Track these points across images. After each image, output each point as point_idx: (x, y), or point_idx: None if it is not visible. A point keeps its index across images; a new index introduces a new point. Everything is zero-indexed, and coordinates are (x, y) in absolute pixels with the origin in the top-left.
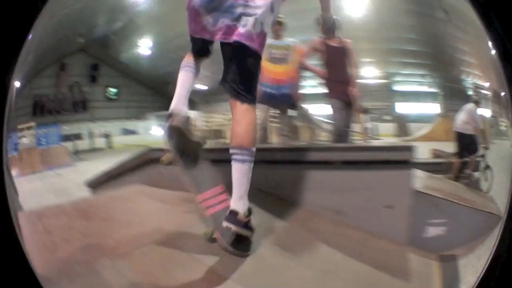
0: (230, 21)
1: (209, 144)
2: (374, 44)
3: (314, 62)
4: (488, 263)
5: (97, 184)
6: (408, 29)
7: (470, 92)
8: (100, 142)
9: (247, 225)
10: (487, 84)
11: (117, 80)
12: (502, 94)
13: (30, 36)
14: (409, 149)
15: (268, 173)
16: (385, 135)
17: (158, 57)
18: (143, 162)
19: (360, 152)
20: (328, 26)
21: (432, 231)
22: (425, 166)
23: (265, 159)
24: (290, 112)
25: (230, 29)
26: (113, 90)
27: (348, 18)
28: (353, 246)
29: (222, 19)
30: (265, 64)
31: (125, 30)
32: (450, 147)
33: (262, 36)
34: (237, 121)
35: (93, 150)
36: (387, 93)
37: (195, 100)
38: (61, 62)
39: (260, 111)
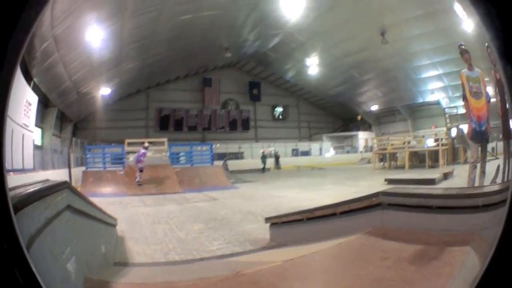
0: None
1: None
2: None
3: None
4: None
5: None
6: None
7: None
8: (266, 162)
9: None
10: None
11: (282, 99)
12: None
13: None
14: None
15: None
16: None
17: (327, 76)
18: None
19: None
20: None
21: None
22: None
23: None
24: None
25: None
26: (279, 109)
27: None
28: None
29: None
30: (469, 99)
31: (285, 47)
32: None
33: None
34: None
35: (257, 171)
36: None
37: (369, 121)
38: (204, 77)
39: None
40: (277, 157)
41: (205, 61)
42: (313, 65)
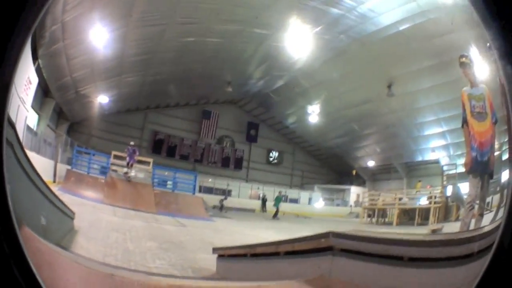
0: None
1: None
2: None
3: None
4: None
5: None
6: None
7: None
8: (250, 204)
9: None
10: None
11: (279, 144)
12: None
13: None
14: None
15: None
16: None
17: (327, 126)
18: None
19: None
20: None
21: None
22: None
23: None
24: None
25: None
26: (275, 154)
27: None
28: None
29: None
30: (471, 121)
31: (288, 91)
32: None
33: None
34: None
35: (240, 210)
36: None
37: (364, 177)
38: (204, 109)
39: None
40: (264, 200)
41: (206, 92)
42: (314, 114)
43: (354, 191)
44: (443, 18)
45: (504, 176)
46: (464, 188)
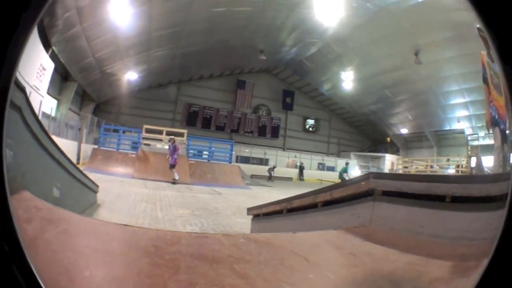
0: None
1: None
2: None
3: None
4: None
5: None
6: None
7: None
8: (288, 172)
9: None
10: None
11: (315, 112)
12: None
13: None
14: None
15: None
16: None
17: (362, 93)
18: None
19: None
20: None
21: None
22: None
23: None
24: None
25: None
26: (311, 121)
27: None
28: None
29: None
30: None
31: (322, 57)
32: None
33: None
34: None
35: (278, 178)
36: None
37: (398, 144)
38: (238, 79)
39: None
40: (301, 168)
41: (240, 61)
42: (348, 80)
43: (389, 159)
44: None
45: None
46: (487, 161)
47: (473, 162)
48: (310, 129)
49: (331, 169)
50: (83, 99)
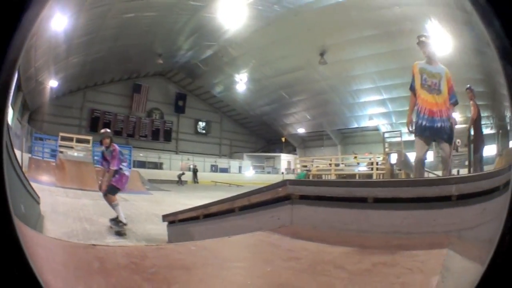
0: None
1: None
2: None
3: None
4: None
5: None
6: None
7: None
8: (183, 176)
9: None
10: None
11: (207, 114)
12: None
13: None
14: None
15: None
16: None
17: (255, 94)
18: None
19: None
20: None
21: None
22: None
23: None
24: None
25: None
26: (202, 124)
27: None
28: None
29: None
30: (419, 90)
31: (216, 60)
32: None
33: None
34: None
35: (172, 182)
36: None
37: (294, 144)
38: (134, 83)
39: None
40: (195, 171)
41: (139, 65)
42: (241, 82)
43: (285, 158)
44: None
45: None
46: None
47: (393, 158)
48: (202, 131)
49: (225, 170)
50: (23, 108)
